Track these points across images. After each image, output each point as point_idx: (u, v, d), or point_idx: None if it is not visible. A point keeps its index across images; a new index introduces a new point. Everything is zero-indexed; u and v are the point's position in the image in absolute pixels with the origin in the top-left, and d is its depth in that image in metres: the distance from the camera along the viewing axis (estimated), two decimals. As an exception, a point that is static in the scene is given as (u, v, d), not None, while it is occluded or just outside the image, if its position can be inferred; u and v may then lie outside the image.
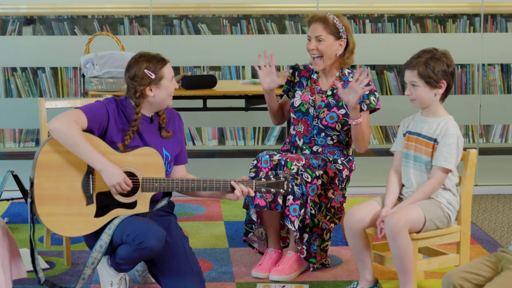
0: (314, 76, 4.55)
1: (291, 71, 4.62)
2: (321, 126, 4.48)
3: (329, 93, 4.48)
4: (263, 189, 3.92)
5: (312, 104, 4.49)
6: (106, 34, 5.33)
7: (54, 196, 3.77)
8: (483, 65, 6.31)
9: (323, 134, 4.48)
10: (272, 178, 3.94)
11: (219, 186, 3.89)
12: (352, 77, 4.43)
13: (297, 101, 4.53)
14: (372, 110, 4.45)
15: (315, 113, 4.48)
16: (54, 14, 6.25)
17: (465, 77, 6.38)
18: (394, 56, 6.18)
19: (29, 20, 6.27)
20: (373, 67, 6.36)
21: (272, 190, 3.93)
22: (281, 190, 3.94)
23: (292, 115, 4.57)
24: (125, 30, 6.26)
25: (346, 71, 4.49)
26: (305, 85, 4.55)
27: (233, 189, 3.89)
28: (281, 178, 3.94)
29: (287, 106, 4.65)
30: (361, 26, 6.34)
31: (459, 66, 6.33)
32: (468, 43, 6.20)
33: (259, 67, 4.49)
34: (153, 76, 3.86)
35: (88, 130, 3.79)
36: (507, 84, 6.44)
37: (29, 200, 3.78)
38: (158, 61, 3.89)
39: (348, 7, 6.31)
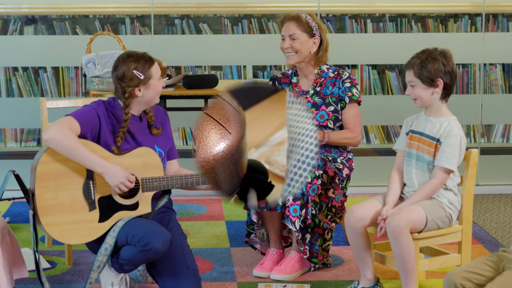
0: (294, 80, 4.56)
1: (270, 82, 4.61)
2: None
3: (312, 92, 4.49)
4: None
5: None
6: (107, 34, 5.32)
7: (57, 205, 3.77)
8: (485, 64, 6.30)
9: None
10: None
11: None
12: (332, 72, 4.48)
13: None
14: (358, 103, 4.48)
15: None
16: (55, 14, 6.25)
17: (467, 76, 6.38)
18: (395, 56, 6.17)
19: (30, 20, 6.27)
20: (374, 66, 6.36)
21: None
22: None
23: None
24: (127, 29, 6.26)
25: (324, 67, 4.51)
26: None
27: None
28: None
29: None
30: (363, 26, 6.34)
31: (461, 66, 6.33)
32: (470, 42, 6.19)
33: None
34: (142, 77, 3.86)
35: (82, 136, 3.79)
36: (509, 83, 6.44)
37: (31, 212, 3.77)
38: (146, 61, 3.89)
39: (350, 7, 6.31)
